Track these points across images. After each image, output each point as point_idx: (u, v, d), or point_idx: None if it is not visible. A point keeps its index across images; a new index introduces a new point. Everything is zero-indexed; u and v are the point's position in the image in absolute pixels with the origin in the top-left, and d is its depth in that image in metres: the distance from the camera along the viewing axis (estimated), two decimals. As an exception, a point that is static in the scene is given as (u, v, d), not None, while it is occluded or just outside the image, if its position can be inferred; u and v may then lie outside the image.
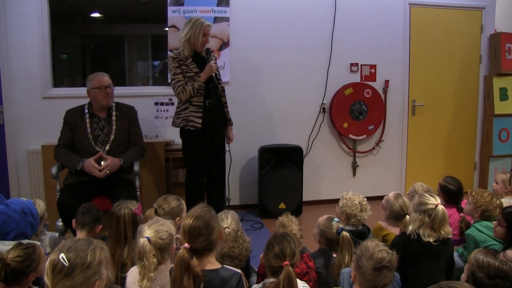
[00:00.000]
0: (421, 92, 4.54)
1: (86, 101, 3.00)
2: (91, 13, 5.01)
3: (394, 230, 2.43)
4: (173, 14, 3.87)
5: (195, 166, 3.16)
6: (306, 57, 4.19)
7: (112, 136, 2.91)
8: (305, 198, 4.09)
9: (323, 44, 4.22)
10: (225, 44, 4.01)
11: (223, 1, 3.94)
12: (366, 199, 2.46)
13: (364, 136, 4.38)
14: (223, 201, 3.47)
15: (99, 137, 2.90)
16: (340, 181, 4.41)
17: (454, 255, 2.16)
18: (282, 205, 3.87)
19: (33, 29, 3.61)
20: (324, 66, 4.24)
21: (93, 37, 6.00)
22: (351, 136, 4.33)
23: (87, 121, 2.90)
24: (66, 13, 4.52)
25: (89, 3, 4.68)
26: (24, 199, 2.18)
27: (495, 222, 2.17)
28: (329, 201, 4.12)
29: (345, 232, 1.98)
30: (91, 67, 6.05)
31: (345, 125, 4.28)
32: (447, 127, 4.68)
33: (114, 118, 2.95)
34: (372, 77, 4.37)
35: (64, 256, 1.29)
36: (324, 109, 4.29)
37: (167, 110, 3.93)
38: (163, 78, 4.63)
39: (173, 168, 3.73)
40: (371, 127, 4.36)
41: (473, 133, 4.76)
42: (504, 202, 2.51)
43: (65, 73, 5.47)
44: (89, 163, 2.73)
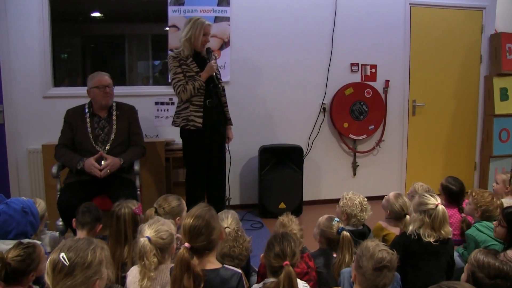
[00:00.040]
0: (421, 92, 4.54)
1: (86, 100, 3.00)
2: (92, 12, 5.00)
3: (394, 230, 2.43)
4: (173, 13, 3.87)
5: (195, 165, 3.16)
6: (307, 57, 4.19)
7: (113, 136, 2.91)
8: (305, 198, 4.09)
9: (324, 44, 4.22)
10: (226, 44, 4.01)
11: (223, 0, 3.94)
12: (366, 199, 2.46)
13: (365, 136, 4.38)
14: (223, 200, 3.47)
15: (99, 136, 2.90)
16: (340, 181, 4.41)
17: (454, 255, 2.16)
18: (282, 205, 3.87)
19: (34, 28, 3.61)
20: (324, 66, 4.24)
21: (93, 37, 5.98)
22: (351, 136, 4.33)
23: (88, 120, 2.91)
24: (67, 12, 4.52)
25: (89, 3, 4.68)
26: (24, 199, 2.18)
27: (495, 222, 2.17)
28: (329, 201, 4.11)
29: (345, 232, 1.98)
30: (91, 66, 6.03)
31: (346, 125, 4.28)
32: (447, 127, 4.68)
33: (114, 117, 2.95)
34: (373, 77, 4.37)
35: (64, 256, 1.29)
36: (324, 109, 4.28)
37: (167, 110, 3.93)
38: (163, 78, 4.63)
39: (173, 168, 3.73)
40: (371, 127, 4.36)
41: (473, 133, 4.75)
42: (504, 202, 2.51)
43: (65, 73, 5.46)
44: (90, 162, 2.73)
